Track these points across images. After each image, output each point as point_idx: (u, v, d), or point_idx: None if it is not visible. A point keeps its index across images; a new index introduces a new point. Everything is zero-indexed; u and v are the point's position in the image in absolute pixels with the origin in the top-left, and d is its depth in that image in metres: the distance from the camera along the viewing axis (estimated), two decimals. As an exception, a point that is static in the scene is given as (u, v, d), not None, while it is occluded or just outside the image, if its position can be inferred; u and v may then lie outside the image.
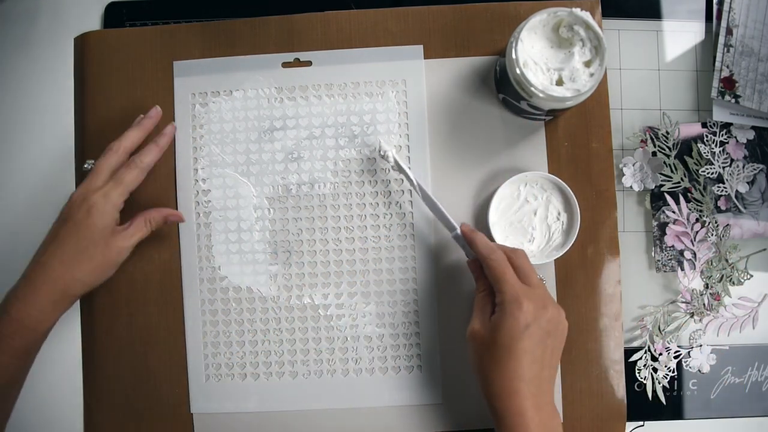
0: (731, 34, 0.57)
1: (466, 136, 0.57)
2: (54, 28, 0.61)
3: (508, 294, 0.47)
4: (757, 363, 0.58)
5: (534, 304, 0.46)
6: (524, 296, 0.46)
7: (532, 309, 0.46)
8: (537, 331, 0.46)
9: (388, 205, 0.57)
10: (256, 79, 0.58)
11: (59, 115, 0.60)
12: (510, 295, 0.46)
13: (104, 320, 0.58)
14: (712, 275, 0.58)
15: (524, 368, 0.45)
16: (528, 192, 0.56)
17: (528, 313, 0.46)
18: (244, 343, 0.57)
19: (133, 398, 0.57)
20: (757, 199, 0.59)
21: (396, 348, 0.57)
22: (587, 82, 0.49)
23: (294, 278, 0.57)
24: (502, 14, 0.57)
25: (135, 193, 0.53)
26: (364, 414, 0.57)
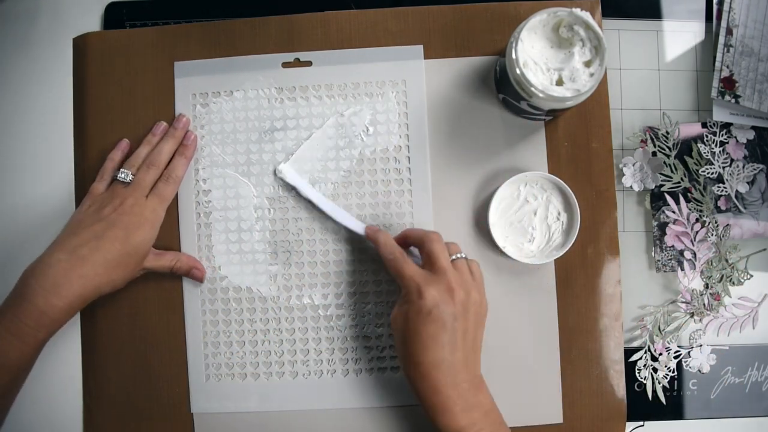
0: (731, 34, 0.57)
1: (466, 136, 0.57)
2: (54, 28, 0.61)
3: (407, 286, 0.49)
4: (757, 363, 0.58)
5: (437, 289, 0.47)
6: (425, 284, 0.48)
7: (434, 294, 0.47)
8: (441, 315, 0.47)
9: (387, 205, 0.57)
10: (256, 80, 0.58)
11: (59, 116, 0.60)
12: (409, 286, 0.48)
13: (104, 320, 0.58)
14: (712, 275, 0.58)
15: (431, 352, 0.47)
16: (528, 192, 0.56)
17: (429, 299, 0.47)
18: (244, 343, 0.57)
19: (133, 398, 0.57)
20: (757, 199, 0.59)
21: (396, 348, 0.57)
22: (587, 82, 0.49)
23: (294, 278, 0.57)
24: (502, 14, 0.57)
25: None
26: (364, 414, 0.57)
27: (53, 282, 0.47)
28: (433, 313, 0.47)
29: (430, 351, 0.47)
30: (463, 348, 0.47)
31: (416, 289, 0.48)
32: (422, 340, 0.47)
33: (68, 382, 0.58)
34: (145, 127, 0.58)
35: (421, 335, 0.47)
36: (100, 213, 0.52)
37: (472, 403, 0.47)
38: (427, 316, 0.47)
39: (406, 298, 0.49)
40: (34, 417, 0.58)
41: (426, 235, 0.51)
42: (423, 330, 0.47)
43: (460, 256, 0.51)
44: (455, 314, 0.47)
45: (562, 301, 0.56)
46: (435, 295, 0.47)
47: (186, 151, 0.57)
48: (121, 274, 0.51)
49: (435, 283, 0.48)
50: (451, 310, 0.47)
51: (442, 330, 0.47)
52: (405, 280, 0.49)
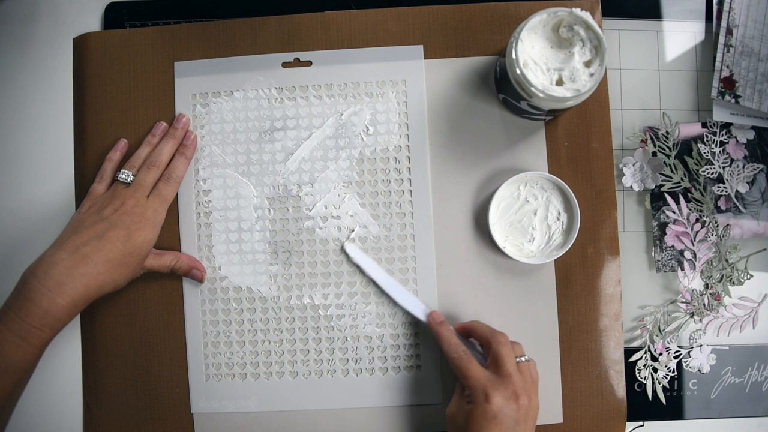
0: (731, 34, 0.57)
1: (466, 136, 0.57)
2: (54, 28, 0.61)
3: (473, 388, 0.49)
4: (757, 363, 0.58)
5: (502, 394, 0.48)
6: (491, 388, 0.48)
7: (500, 400, 0.48)
8: (506, 419, 0.47)
9: (388, 205, 0.57)
10: (256, 80, 0.58)
11: (59, 116, 0.60)
12: (476, 388, 0.49)
13: (104, 320, 0.58)
14: (712, 275, 0.58)
15: None
16: (528, 192, 0.56)
17: (495, 404, 0.47)
18: (244, 343, 0.57)
19: (133, 398, 0.57)
20: (757, 199, 0.59)
21: (396, 348, 0.57)
22: (587, 82, 0.49)
23: (294, 278, 0.57)
24: (502, 14, 0.57)
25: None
26: (364, 414, 0.57)
27: (56, 281, 0.47)
28: (498, 417, 0.47)
29: None
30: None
31: (483, 392, 0.48)
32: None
33: (68, 382, 0.58)
34: (145, 127, 0.58)
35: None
36: (102, 213, 0.52)
37: None
38: (492, 420, 0.47)
39: (471, 398, 0.49)
40: (35, 417, 0.58)
41: (494, 336, 0.51)
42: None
43: (525, 359, 0.51)
44: (518, 419, 0.48)
45: (562, 301, 0.56)
46: (500, 401, 0.47)
47: (186, 151, 0.57)
48: (122, 273, 0.51)
49: (502, 388, 0.48)
50: (515, 416, 0.48)
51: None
52: (471, 381, 0.49)
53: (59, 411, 0.58)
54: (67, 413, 0.58)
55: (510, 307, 0.56)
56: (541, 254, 0.55)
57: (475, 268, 0.57)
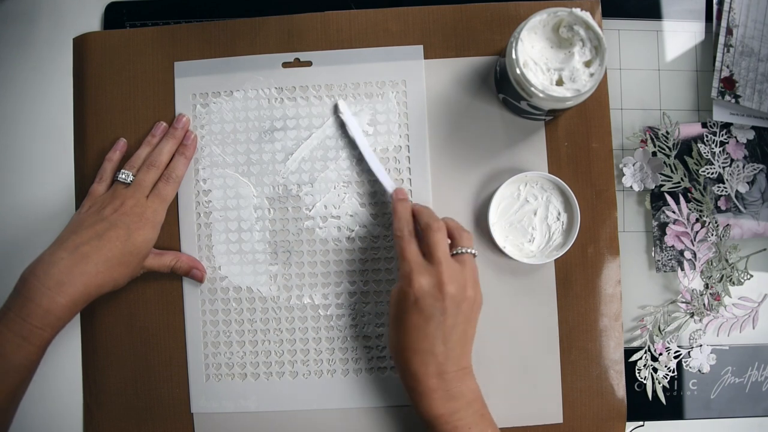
0: (731, 34, 0.57)
1: (466, 136, 0.57)
2: (54, 28, 0.61)
3: (402, 270, 0.48)
4: (757, 363, 0.58)
5: (428, 280, 0.47)
6: (417, 272, 0.47)
7: (424, 284, 0.47)
8: (427, 307, 0.46)
9: (387, 205, 0.57)
10: (256, 80, 0.58)
11: (59, 116, 0.60)
12: (404, 270, 0.48)
13: (104, 320, 0.58)
14: (712, 275, 0.58)
15: (414, 342, 0.47)
16: (528, 192, 0.56)
17: (417, 288, 0.47)
18: (244, 343, 0.57)
19: (133, 398, 0.57)
20: (757, 199, 0.59)
21: (396, 347, 0.57)
22: (587, 82, 0.49)
23: (294, 278, 0.57)
24: (502, 14, 0.57)
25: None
26: (364, 414, 0.57)
27: (57, 280, 0.47)
28: (419, 303, 0.47)
29: (412, 339, 0.47)
30: (447, 342, 0.47)
31: (408, 275, 0.48)
32: (405, 328, 0.47)
33: (68, 382, 0.58)
34: (145, 127, 0.58)
35: (404, 322, 0.47)
36: (101, 213, 0.52)
37: (454, 393, 0.47)
38: (413, 305, 0.47)
39: (399, 281, 0.49)
40: (35, 417, 0.58)
41: (429, 223, 0.50)
42: (407, 318, 0.47)
43: (465, 250, 0.50)
44: (443, 309, 0.47)
45: (562, 301, 0.56)
46: (423, 286, 0.47)
47: (186, 151, 0.57)
48: (122, 272, 0.51)
49: (427, 274, 0.47)
50: (439, 306, 0.47)
51: (426, 322, 0.47)
52: (403, 262, 0.49)
53: (59, 411, 0.58)
54: (67, 413, 0.58)
55: (510, 307, 0.56)
56: (541, 254, 0.55)
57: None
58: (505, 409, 0.50)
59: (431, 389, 0.47)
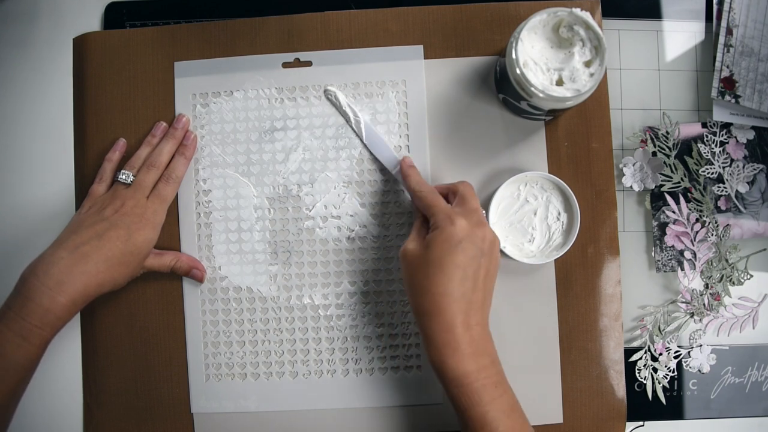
0: (731, 34, 0.57)
1: (466, 136, 0.57)
2: (54, 28, 0.61)
3: (439, 215, 0.47)
4: (757, 363, 0.58)
5: (468, 221, 0.47)
6: (457, 214, 0.47)
7: (466, 225, 0.46)
8: (470, 246, 0.46)
9: (387, 205, 0.57)
10: (256, 80, 0.58)
11: (59, 116, 0.60)
12: (442, 214, 0.47)
13: (104, 320, 0.58)
14: (712, 275, 0.58)
15: (454, 284, 0.45)
16: (528, 192, 0.56)
17: (461, 228, 0.46)
18: (244, 343, 0.57)
19: (133, 398, 0.57)
20: (757, 199, 0.59)
21: (396, 348, 0.57)
22: (587, 82, 0.49)
23: (294, 278, 0.57)
24: (502, 14, 0.57)
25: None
26: (364, 414, 0.57)
27: (57, 279, 0.47)
28: (463, 244, 0.45)
29: (453, 282, 0.45)
30: (483, 288, 0.46)
31: (448, 217, 0.46)
32: (447, 270, 0.45)
33: (68, 382, 0.58)
34: (145, 127, 0.58)
35: (445, 264, 0.45)
36: (102, 214, 0.52)
37: (482, 349, 0.45)
38: (456, 245, 0.45)
39: (436, 225, 0.47)
40: (35, 417, 0.58)
41: (455, 183, 0.51)
42: (449, 259, 0.45)
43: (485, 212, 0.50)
44: (483, 250, 0.46)
45: (562, 301, 0.56)
46: (466, 227, 0.46)
47: (186, 151, 0.57)
48: (122, 272, 0.51)
49: (467, 216, 0.47)
50: (480, 245, 0.46)
51: (469, 263, 0.45)
52: (436, 209, 0.48)
53: (59, 411, 0.58)
54: (67, 413, 0.58)
55: (510, 307, 0.56)
56: (541, 254, 0.55)
57: (475, 268, 0.57)
58: (505, 409, 0.51)
59: (464, 342, 0.44)
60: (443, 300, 0.45)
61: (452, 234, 0.46)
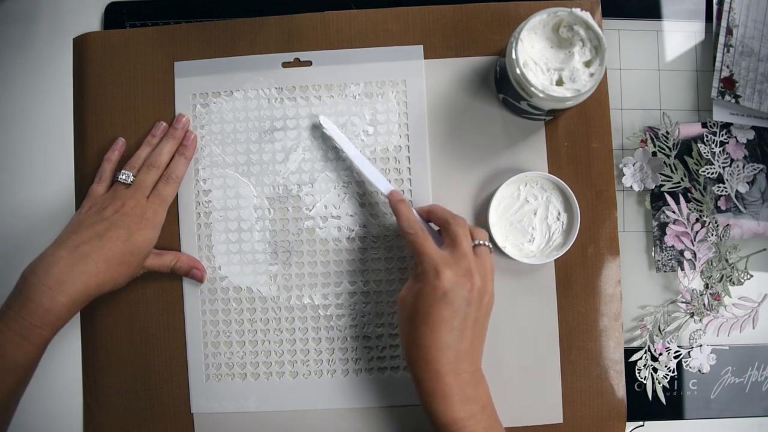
0: (731, 34, 0.57)
1: (466, 136, 0.57)
2: (54, 28, 0.61)
3: (425, 264, 0.47)
4: (757, 363, 0.58)
5: (455, 272, 0.46)
6: (444, 264, 0.46)
7: (452, 276, 0.46)
8: (456, 298, 0.46)
9: (388, 205, 0.57)
10: (256, 80, 0.58)
11: (59, 116, 0.60)
12: (428, 264, 0.47)
13: (104, 320, 0.58)
14: (712, 275, 0.58)
15: (440, 336, 0.45)
16: (528, 192, 0.56)
17: (446, 280, 0.46)
18: (244, 343, 0.57)
19: (133, 398, 0.57)
20: (757, 199, 0.59)
21: (396, 348, 0.57)
22: (587, 82, 0.49)
23: (294, 278, 0.57)
24: (502, 14, 0.57)
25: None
26: (364, 414, 0.57)
27: (57, 279, 0.47)
28: (448, 295, 0.46)
29: (438, 334, 0.45)
30: (471, 336, 0.46)
31: (434, 268, 0.46)
32: (432, 322, 0.46)
33: (68, 382, 0.58)
34: (145, 127, 0.58)
35: (431, 317, 0.46)
36: (102, 214, 0.52)
37: (472, 396, 0.46)
38: (441, 298, 0.46)
39: (422, 276, 0.47)
40: (35, 417, 0.58)
41: (453, 218, 0.50)
42: (434, 311, 0.46)
43: (484, 243, 0.49)
44: (470, 300, 0.46)
45: (562, 301, 0.56)
46: (452, 278, 0.46)
47: (186, 151, 0.57)
48: (122, 272, 0.51)
49: (454, 266, 0.47)
50: (466, 296, 0.46)
51: (454, 314, 0.46)
52: (424, 257, 0.48)
53: (59, 411, 0.58)
54: (67, 413, 0.58)
55: (510, 307, 0.56)
56: (541, 254, 0.55)
57: (475, 268, 0.57)
58: (505, 409, 0.50)
59: (452, 390, 0.45)
60: (430, 351, 0.46)
61: (437, 287, 0.46)
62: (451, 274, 0.46)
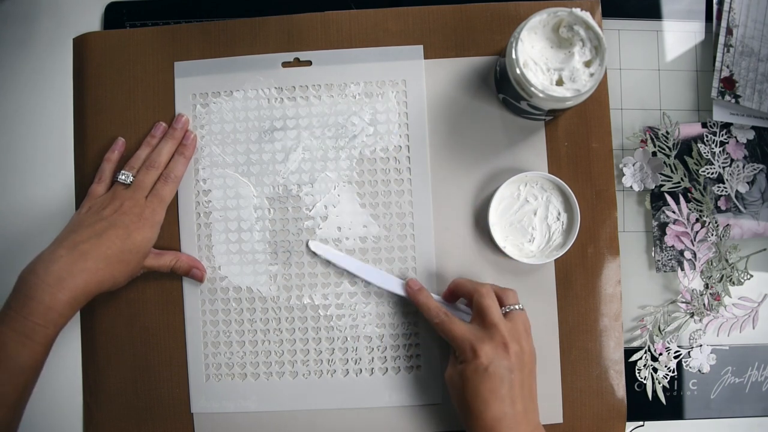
0: (731, 34, 0.57)
1: (466, 136, 0.57)
2: (54, 28, 0.61)
3: (460, 347, 0.49)
4: (757, 363, 0.58)
5: (491, 345, 0.48)
6: (478, 341, 0.48)
7: (489, 351, 0.48)
8: (498, 370, 0.47)
9: (388, 206, 0.57)
10: (256, 80, 0.58)
11: (59, 116, 0.60)
12: (463, 347, 0.49)
13: (104, 320, 0.58)
14: (712, 275, 0.58)
15: (494, 407, 0.47)
16: (528, 192, 0.56)
17: (485, 356, 0.47)
18: (244, 343, 0.57)
19: (133, 398, 0.57)
20: (757, 199, 0.59)
21: (396, 348, 0.57)
22: (587, 82, 0.49)
23: (294, 278, 0.57)
24: (502, 14, 0.57)
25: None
26: (364, 414, 0.57)
27: (57, 277, 0.47)
28: (490, 369, 0.47)
29: (491, 406, 0.47)
30: (521, 399, 0.48)
31: (470, 348, 0.48)
32: (482, 397, 0.47)
33: (68, 382, 0.58)
34: (145, 127, 0.58)
35: (480, 392, 0.47)
36: (101, 213, 0.52)
37: None
38: (484, 374, 0.47)
39: (462, 357, 0.49)
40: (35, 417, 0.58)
41: (476, 289, 0.51)
42: (482, 387, 0.47)
43: (515, 307, 0.51)
44: (511, 367, 0.48)
45: (562, 301, 0.56)
46: (489, 353, 0.48)
47: (185, 151, 0.57)
48: (121, 270, 0.51)
49: (488, 340, 0.48)
50: (507, 364, 0.47)
51: (500, 384, 0.47)
52: (457, 341, 0.49)
53: (59, 411, 0.58)
54: (67, 413, 0.58)
55: (510, 307, 0.56)
56: (541, 254, 0.55)
57: (475, 268, 0.57)
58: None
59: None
60: (489, 423, 0.47)
61: (477, 365, 0.47)
62: (488, 349, 0.48)
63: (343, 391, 0.57)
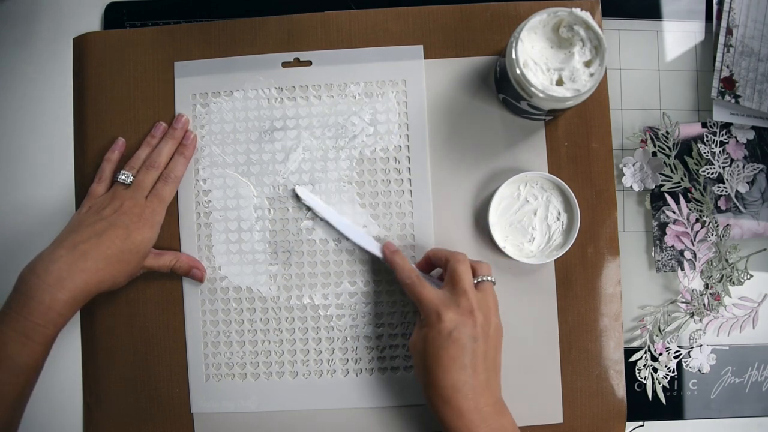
0: (731, 34, 0.57)
1: (466, 136, 0.57)
2: (54, 28, 0.61)
3: (426, 310, 0.49)
4: (757, 363, 0.58)
5: (456, 311, 0.47)
6: (444, 306, 0.48)
7: (453, 316, 0.47)
8: (461, 336, 0.47)
9: (388, 205, 0.57)
10: (256, 80, 0.58)
11: (59, 116, 0.60)
12: (429, 309, 0.48)
13: (104, 320, 0.58)
14: (712, 275, 0.58)
15: (454, 375, 0.46)
16: (528, 192, 0.56)
17: (449, 321, 0.47)
18: (244, 343, 0.57)
19: (133, 398, 0.57)
20: (757, 199, 0.59)
21: (396, 348, 0.57)
22: (587, 82, 0.49)
23: (294, 278, 0.57)
24: (502, 14, 0.57)
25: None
26: (364, 414, 0.57)
27: (57, 276, 0.47)
28: (453, 335, 0.47)
29: (451, 374, 0.46)
30: (484, 370, 0.47)
31: (435, 312, 0.48)
32: (443, 363, 0.47)
33: (68, 382, 0.58)
34: (145, 127, 0.58)
35: (441, 358, 0.47)
36: (101, 213, 0.52)
37: (496, 428, 0.46)
38: (447, 339, 0.47)
39: (426, 321, 0.49)
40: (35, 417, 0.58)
41: (452, 255, 0.51)
42: (443, 353, 0.47)
43: (487, 279, 0.50)
44: (475, 336, 0.47)
45: (562, 301, 0.56)
46: (454, 318, 0.47)
47: (185, 151, 0.57)
48: (121, 270, 0.51)
49: (454, 306, 0.48)
50: (471, 332, 0.47)
51: (463, 352, 0.46)
52: (423, 303, 0.49)
53: (59, 411, 0.58)
54: (67, 413, 0.58)
55: (510, 307, 0.56)
56: (541, 254, 0.55)
57: (475, 268, 0.57)
58: (505, 409, 0.51)
59: (474, 425, 0.46)
60: (447, 391, 0.46)
61: (441, 329, 0.47)
62: (453, 314, 0.47)
63: (343, 391, 0.57)
